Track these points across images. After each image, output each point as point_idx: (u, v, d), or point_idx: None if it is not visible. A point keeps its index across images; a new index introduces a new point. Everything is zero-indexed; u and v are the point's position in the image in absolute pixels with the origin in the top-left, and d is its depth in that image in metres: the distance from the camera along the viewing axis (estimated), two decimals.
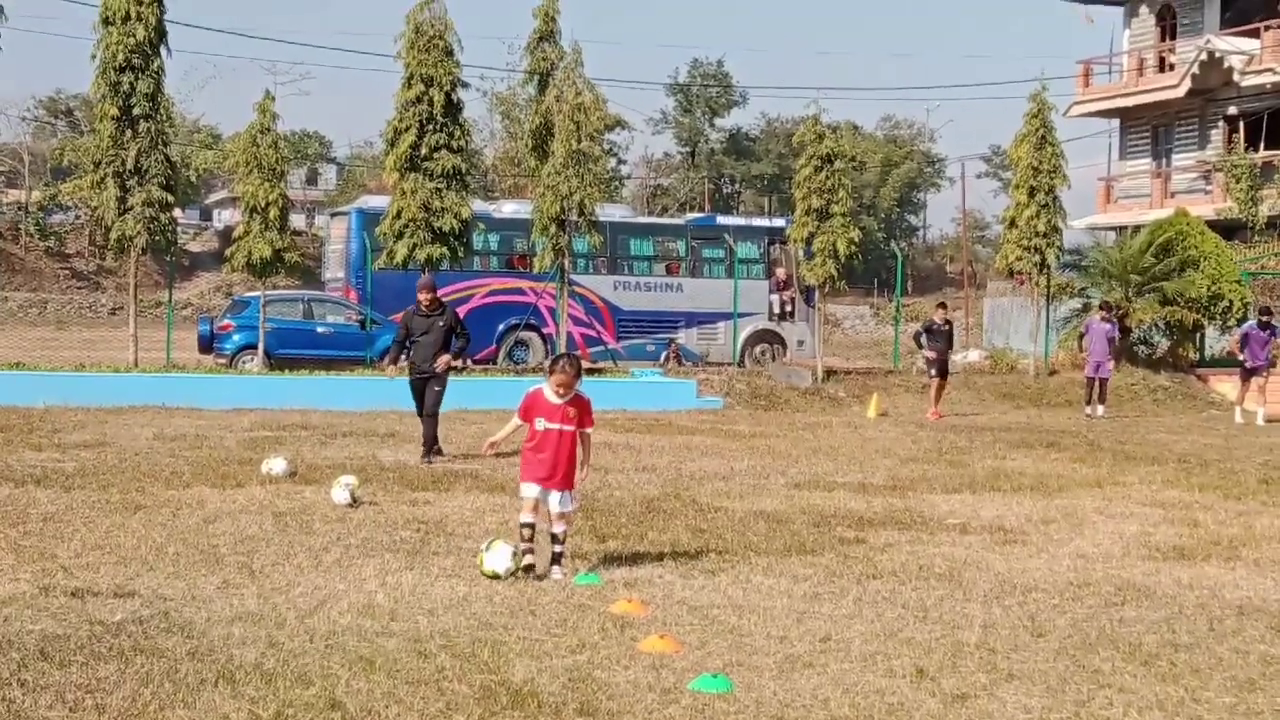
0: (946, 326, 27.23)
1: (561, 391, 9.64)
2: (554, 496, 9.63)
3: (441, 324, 16.68)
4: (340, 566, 9.75)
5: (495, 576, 9.30)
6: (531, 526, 9.66)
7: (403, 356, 17.26)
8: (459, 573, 9.59)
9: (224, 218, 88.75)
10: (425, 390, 16.88)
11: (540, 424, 9.63)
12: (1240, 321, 33.79)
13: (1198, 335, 33.84)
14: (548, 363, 9.95)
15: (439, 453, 16.60)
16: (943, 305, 28.80)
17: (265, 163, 27.14)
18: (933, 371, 26.51)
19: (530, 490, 9.66)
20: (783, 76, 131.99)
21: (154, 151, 26.64)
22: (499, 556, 9.40)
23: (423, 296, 16.80)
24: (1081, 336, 27.86)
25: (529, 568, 9.51)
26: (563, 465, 9.62)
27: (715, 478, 15.55)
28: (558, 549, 9.66)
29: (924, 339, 27.11)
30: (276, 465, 14.30)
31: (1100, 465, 17.75)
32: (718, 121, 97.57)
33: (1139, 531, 12.33)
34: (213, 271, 71.77)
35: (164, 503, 12.51)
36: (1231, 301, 32.42)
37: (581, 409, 9.72)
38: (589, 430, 9.80)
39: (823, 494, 14.45)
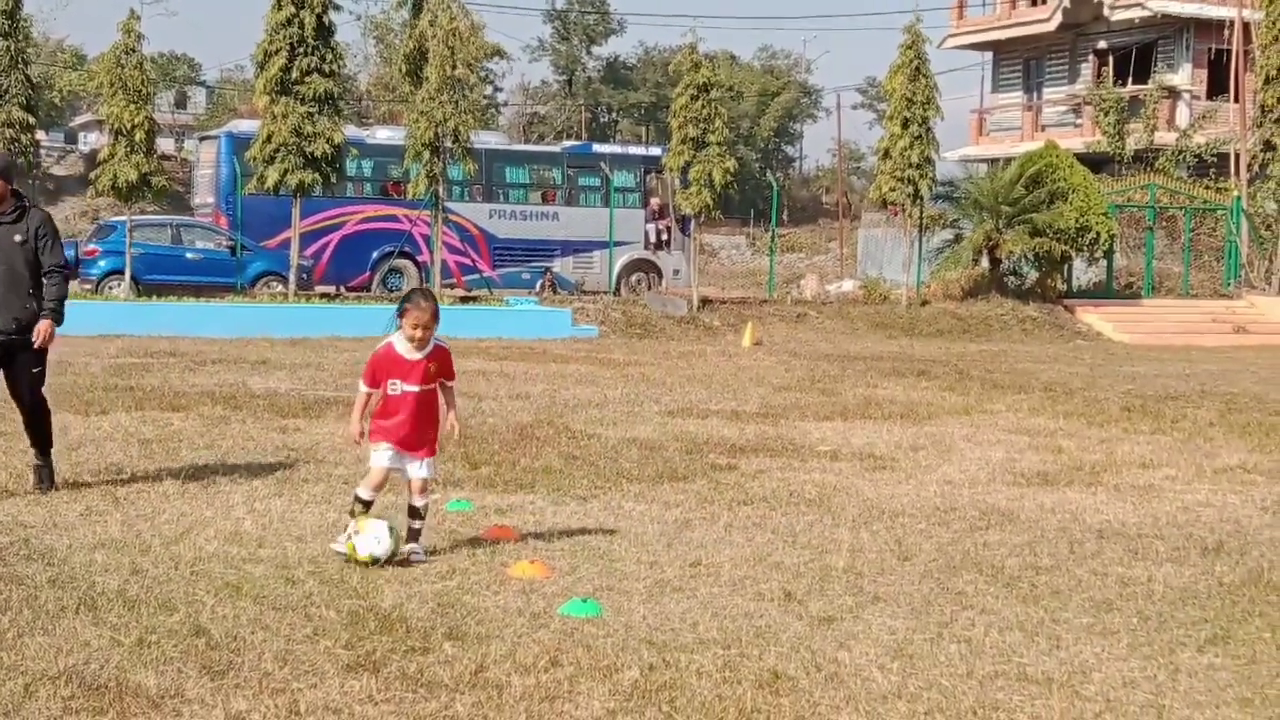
0: None
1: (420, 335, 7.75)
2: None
3: (19, 238, 9.28)
4: (207, 493, 9.60)
5: (375, 561, 7.61)
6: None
7: None
8: (328, 499, 9.49)
9: (90, 141, 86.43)
10: (8, 363, 9.54)
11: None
12: (1107, 254, 34.49)
13: (1066, 266, 34.45)
14: None
15: (48, 473, 9.67)
16: None
17: (131, 84, 26.61)
18: None
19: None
20: (661, 5, 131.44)
21: (13, 71, 26.07)
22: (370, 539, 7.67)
23: None
24: None
25: None
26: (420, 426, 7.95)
27: (589, 405, 15.55)
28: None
29: None
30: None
31: (969, 393, 18.01)
32: (595, 50, 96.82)
33: (1004, 458, 12.53)
34: (78, 196, 69.92)
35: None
36: (1099, 233, 33.01)
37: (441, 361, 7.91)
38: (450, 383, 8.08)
39: (696, 421, 14.51)
